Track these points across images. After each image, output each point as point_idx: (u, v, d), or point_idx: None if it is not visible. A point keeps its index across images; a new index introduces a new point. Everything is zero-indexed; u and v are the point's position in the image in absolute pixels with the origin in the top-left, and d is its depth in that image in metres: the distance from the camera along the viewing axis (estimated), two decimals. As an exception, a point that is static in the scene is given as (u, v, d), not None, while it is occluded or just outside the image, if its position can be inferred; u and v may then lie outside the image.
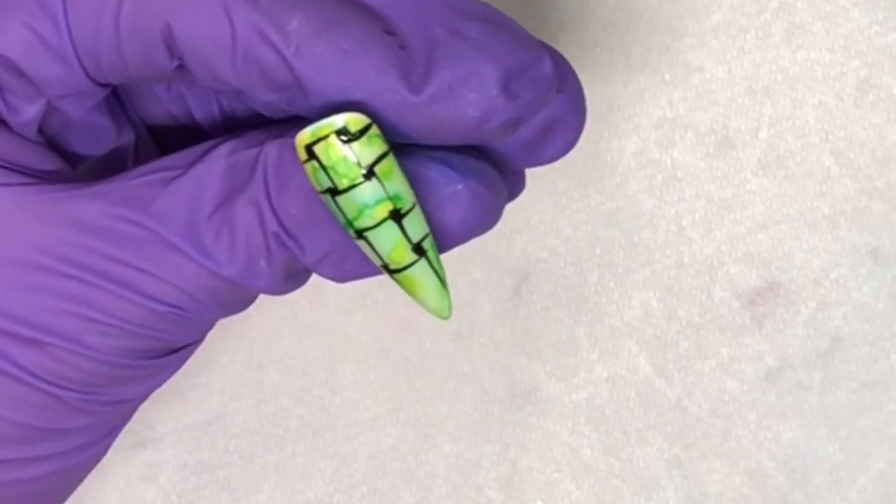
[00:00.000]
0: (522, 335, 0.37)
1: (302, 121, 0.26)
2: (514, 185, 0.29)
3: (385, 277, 0.28)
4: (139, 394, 0.30)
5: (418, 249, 0.26)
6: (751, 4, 0.36)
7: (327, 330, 0.37)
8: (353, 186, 0.25)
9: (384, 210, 0.26)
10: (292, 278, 0.28)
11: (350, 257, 0.27)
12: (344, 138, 0.25)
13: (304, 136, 0.25)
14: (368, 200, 0.25)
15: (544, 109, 0.27)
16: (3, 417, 0.28)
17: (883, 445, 0.36)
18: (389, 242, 0.26)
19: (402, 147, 0.26)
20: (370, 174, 0.25)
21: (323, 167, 0.25)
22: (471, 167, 0.27)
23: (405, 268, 0.26)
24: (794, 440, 0.36)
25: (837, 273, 0.36)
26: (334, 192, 0.25)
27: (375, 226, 0.26)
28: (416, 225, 0.26)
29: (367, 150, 0.25)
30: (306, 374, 0.37)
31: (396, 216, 0.26)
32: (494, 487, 0.37)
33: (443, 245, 0.27)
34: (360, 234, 0.26)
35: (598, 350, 0.37)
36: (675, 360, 0.37)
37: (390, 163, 0.26)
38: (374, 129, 0.25)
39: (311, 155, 0.25)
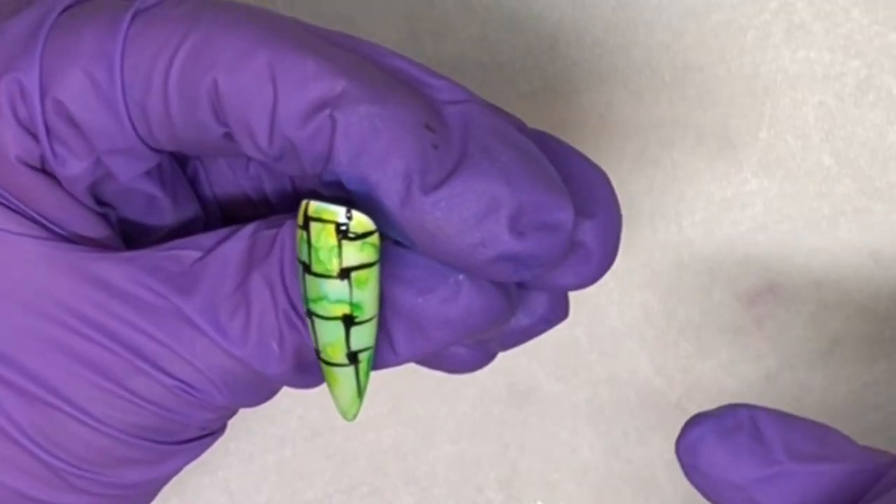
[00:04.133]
0: (522, 335, 0.37)
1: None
2: (550, 312, 0.29)
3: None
4: (140, 481, 0.29)
5: (352, 357, 0.27)
6: (751, 4, 0.36)
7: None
8: (323, 276, 0.25)
9: (339, 310, 0.26)
10: (304, 370, 0.28)
11: None
12: (341, 232, 0.25)
13: (310, 206, 0.25)
14: (330, 295, 0.26)
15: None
16: None
17: (882, 446, 0.36)
18: (329, 338, 0.26)
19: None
20: (345, 275, 0.25)
21: (309, 243, 0.25)
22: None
23: (332, 364, 0.27)
24: (793, 440, 0.36)
25: (838, 274, 0.36)
26: (307, 268, 0.25)
27: (325, 318, 0.26)
28: (362, 337, 0.26)
29: (356, 254, 0.25)
30: (306, 374, 0.37)
31: (348, 321, 0.26)
32: (494, 487, 0.37)
33: (454, 335, 0.27)
34: (309, 314, 0.26)
35: (598, 350, 0.37)
36: (675, 360, 0.37)
37: (370, 274, 0.26)
38: (373, 239, 0.25)
39: (306, 226, 0.25)
